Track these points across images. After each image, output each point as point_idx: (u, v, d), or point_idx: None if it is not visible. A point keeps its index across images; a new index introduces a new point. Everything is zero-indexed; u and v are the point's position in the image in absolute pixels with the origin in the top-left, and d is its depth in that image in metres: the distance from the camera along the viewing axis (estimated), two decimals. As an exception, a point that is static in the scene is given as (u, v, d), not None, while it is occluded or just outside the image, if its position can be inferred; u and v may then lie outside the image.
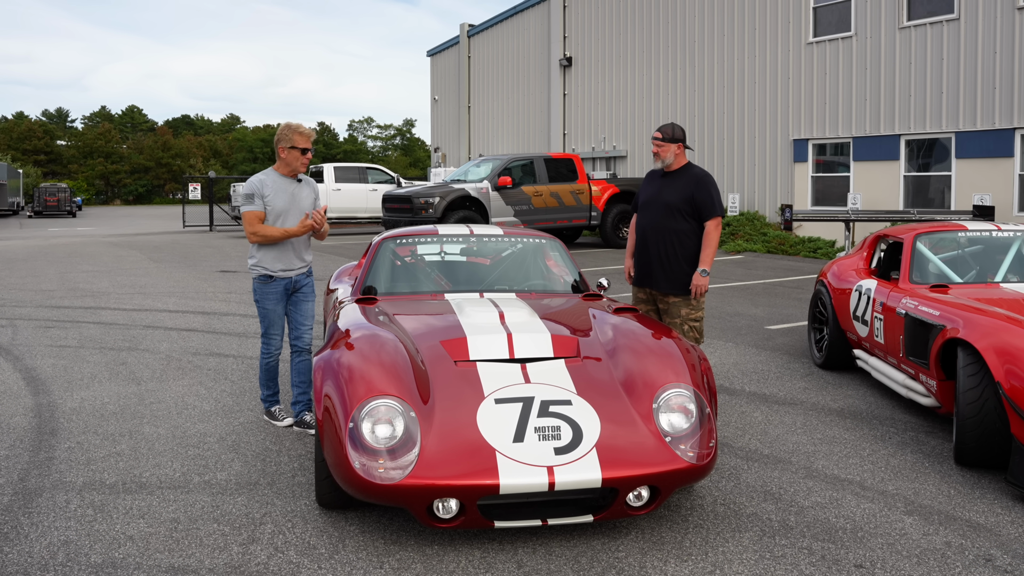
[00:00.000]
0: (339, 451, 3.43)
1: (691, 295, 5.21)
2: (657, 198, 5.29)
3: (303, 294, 5.27)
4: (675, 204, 5.20)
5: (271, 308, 5.15)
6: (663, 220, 5.24)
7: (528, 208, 16.93)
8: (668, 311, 5.30)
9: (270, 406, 5.31)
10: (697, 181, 5.22)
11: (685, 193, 5.20)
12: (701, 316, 5.29)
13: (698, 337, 5.27)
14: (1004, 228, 6.11)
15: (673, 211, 5.21)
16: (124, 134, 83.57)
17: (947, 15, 15.74)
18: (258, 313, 5.22)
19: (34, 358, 7.17)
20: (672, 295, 5.27)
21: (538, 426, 3.46)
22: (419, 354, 3.92)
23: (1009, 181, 14.86)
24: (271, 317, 5.17)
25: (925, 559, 3.42)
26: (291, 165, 5.04)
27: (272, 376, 5.29)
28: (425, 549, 3.49)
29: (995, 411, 4.25)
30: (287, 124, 5.03)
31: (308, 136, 5.05)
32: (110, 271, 14.20)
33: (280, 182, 5.06)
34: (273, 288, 5.12)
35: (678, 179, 5.28)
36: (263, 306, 5.16)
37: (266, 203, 4.99)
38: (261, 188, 5.00)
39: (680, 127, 5.31)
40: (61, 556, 3.43)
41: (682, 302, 5.24)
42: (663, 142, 5.25)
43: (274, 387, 5.31)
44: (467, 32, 31.42)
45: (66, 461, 4.57)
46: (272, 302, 5.14)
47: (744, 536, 3.63)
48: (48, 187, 44.67)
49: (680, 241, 5.22)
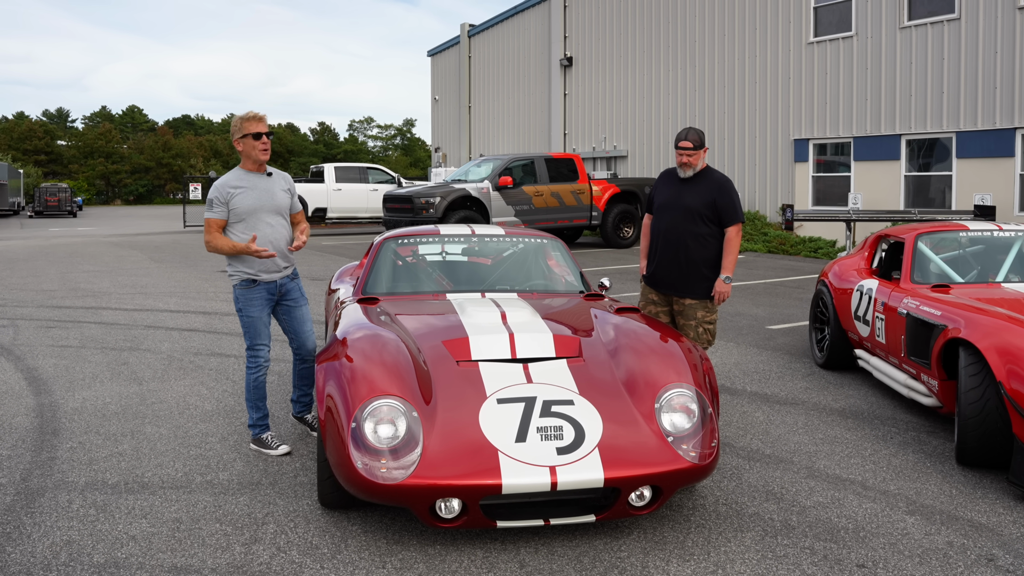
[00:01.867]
0: (342, 451, 3.44)
1: (712, 300, 5.16)
2: (677, 201, 5.19)
3: (293, 301, 4.85)
4: (696, 208, 5.11)
5: (256, 316, 4.68)
6: (684, 223, 5.15)
7: (529, 208, 16.93)
8: (683, 313, 5.24)
9: (260, 432, 4.76)
10: (720, 187, 5.14)
11: (707, 198, 5.11)
12: (715, 319, 5.26)
13: (711, 340, 5.24)
14: (1005, 228, 6.11)
15: (694, 215, 5.12)
16: (124, 134, 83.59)
17: (948, 15, 15.74)
18: (241, 324, 4.74)
19: (35, 358, 7.17)
20: (690, 297, 5.21)
21: (540, 426, 3.46)
22: (421, 354, 3.92)
23: (1010, 181, 14.86)
24: (256, 326, 4.70)
25: (927, 559, 3.42)
26: (251, 156, 4.62)
27: (261, 395, 4.75)
28: (427, 549, 3.49)
29: (997, 411, 4.25)
30: (237, 116, 4.71)
31: (259, 119, 4.63)
32: (111, 271, 14.20)
33: (247, 179, 4.66)
34: (257, 293, 4.67)
35: (699, 183, 5.18)
36: (247, 314, 4.68)
37: (233, 205, 4.59)
38: (223, 193, 4.59)
39: (702, 131, 5.14)
40: (64, 556, 3.43)
41: (699, 304, 5.19)
42: (694, 150, 5.10)
43: (264, 409, 4.77)
44: (468, 32, 31.43)
45: (68, 461, 4.57)
46: (257, 308, 4.68)
47: (746, 536, 3.63)
48: (49, 187, 44.70)
49: (701, 245, 5.13)
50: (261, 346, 4.75)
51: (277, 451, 4.70)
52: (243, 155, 4.67)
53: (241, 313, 4.71)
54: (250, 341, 4.75)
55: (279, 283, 4.76)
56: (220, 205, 4.60)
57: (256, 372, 4.74)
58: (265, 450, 4.71)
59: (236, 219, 4.63)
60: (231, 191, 4.61)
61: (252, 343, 4.75)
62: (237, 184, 4.64)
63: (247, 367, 4.76)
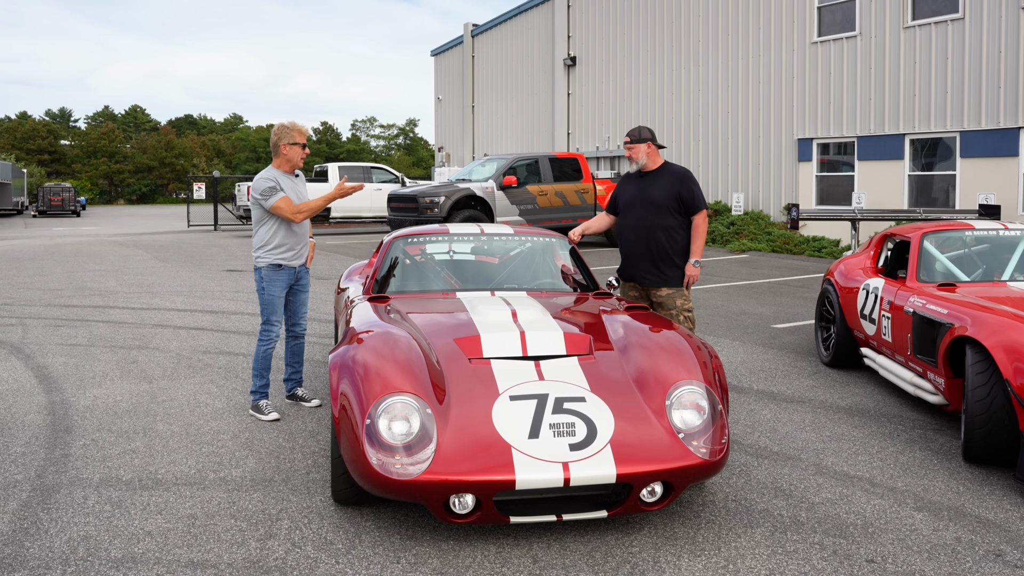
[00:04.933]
0: (356, 447, 3.47)
1: (684, 285, 5.48)
2: (641, 197, 5.51)
3: (301, 285, 5.58)
4: (662, 201, 5.43)
5: (276, 295, 5.37)
6: (652, 217, 5.46)
7: (533, 207, 16.96)
8: (662, 304, 5.51)
9: (259, 399, 5.40)
10: (681, 179, 5.48)
11: (671, 191, 5.44)
12: (692, 306, 5.61)
13: (692, 327, 5.52)
14: (1011, 227, 6.14)
15: (660, 208, 5.44)
16: (127, 134, 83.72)
17: (952, 14, 15.75)
18: (261, 301, 5.40)
19: (45, 356, 7.22)
20: (666, 287, 5.48)
21: (553, 423, 3.50)
22: (433, 352, 3.96)
23: (1014, 180, 14.88)
24: (275, 304, 5.38)
25: (935, 554, 3.45)
26: (292, 160, 5.36)
27: (267, 366, 5.44)
28: (441, 544, 3.53)
29: (1003, 408, 4.28)
30: (283, 124, 5.40)
31: (305, 132, 5.42)
32: (117, 270, 14.25)
33: (284, 178, 5.36)
34: (281, 276, 5.37)
35: (660, 178, 5.52)
36: (269, 293, 5.36)
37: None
38: (276, 180, 5.29)
39: (647, 128, 5.56)
40: (81, 551, 3.47)
41: (676, 294, 5.50)
42: (632, 144, 5.51)
43: (266, 378, 5.44)
44: (471, 32, 31.46)
45: (82, 458, 4.61)
46: (279, 289, 5.37)
47: (756, 532, 3.66)
48: (52, 187, 44.78)
49: (670, 236, 5.45)
50: (276, 322, 5.43)
51: (267, 417, 5.32)
52: (283, 157, 5.36)
53: (263, 292, 5.38)
54: (266, 316, 5.41)
55: (298, 270, 5.48)
56: (280, 190, 5.25)
57: (267, 344, 5.42)
58: (259, 415, 5.35)
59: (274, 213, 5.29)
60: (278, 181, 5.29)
61: (268, 318, 5.41)
62: (282, 180, 5.32)
63: (259, 339, 5.43)
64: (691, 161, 21.26)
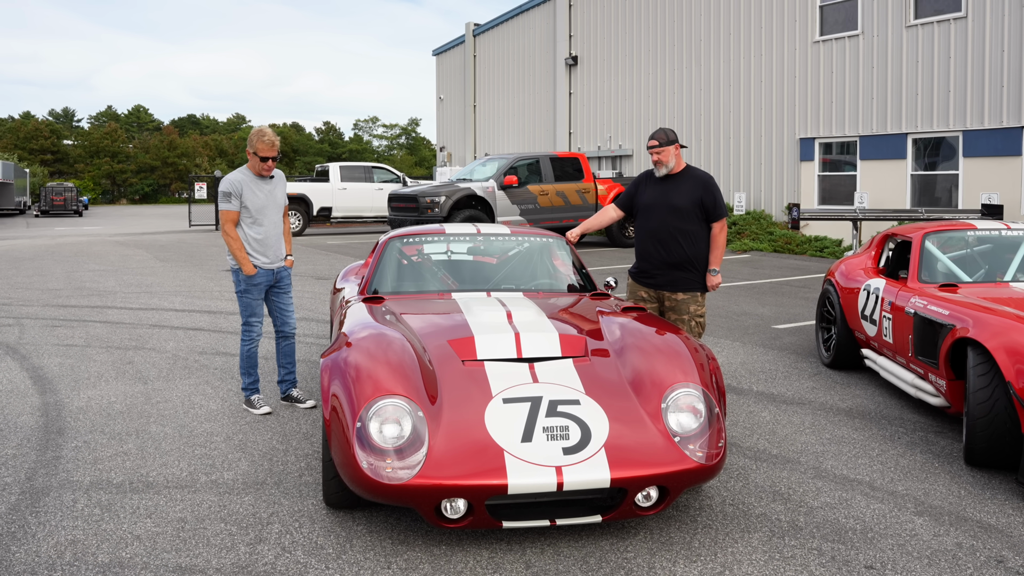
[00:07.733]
0: (347, 451, 3.42)
1: (703, 292, 5.36)
2: (662, 200, 5.34)
3: (282, 287, 5.60)
4: (684, 207, 5.27)
5: (254, 298, 5.45)
6: (673, 222, 5.29)
7: (534, 207, 16.91)
8: (676, 308, 5.38)
9: (250, 394, 5.53)
10: (704, 185, 5.31)
11: (693, 196, 5.27)
12: (705, 311, 5.48)
13: (701, 332, 5.42)
14: (1013, 227, 6.07)
15: (682, 213, 5.28)
16: (130, 134, 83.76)
17: (954, 13, 15.67)
18: (239, 304, 5.47)
19: (41, 357, 7.18)
20: (682, 292, 5.35)
21: (546, 426, 3.44)
22: (426, 353, 3.91)
23: (1017, 180, 14.79)
24: (253, 305, 5.45)
25: (936, 560, 3.39)
26: (256, 169, 5.33)
27: (253, 363, 5.52)
28: (433, 549, 3.48)
29: (1006, 411, 4.22)
30: (257, 130, 5.29)
31: (271, 145, 5.22)
32: (116, 270, 14.22)
33: (254, 181, 5.35)
34: (257, 279, 5.41)
35: (682, 182, 5.34)
36: (248, 296, 5.42)
37: (244, 201, 5.30)
38: (239, 188, 5.28)
39: (671, 129, 5.38)
40: (68, 555, 3.42)
41: (690, 299, 5.36)
42: (661, 147, 5.27)
43: (254, 375, 5.54)
44: (473, 31, 31.41)
45: (73, 460, 4.57)
46: (257, 292, 5.44)
47: (753, 536, 3.61)
48: (54, 186, 44.77)
49: (690, 242, 5.30)
50: (256, 322, 5.50)
51: (259, 411, 5.44)
52: (250, 163, 5.34)
53: (242, 295, 5.44)
54: (246, 317, 5.48)
55: (276, 271, 5.52)
56: (235, 199, 5.28)
57: (249, 344, 5.50)
58: (251, 409, 5.48)
59: (246, 215, 5.34)
60: (241, 187, 5.28)
61: (247, 319, 5.47)
62: (248, 184, 5.31)
63: (242, 340, 5.51)
64: (692, 161, 21.19)
